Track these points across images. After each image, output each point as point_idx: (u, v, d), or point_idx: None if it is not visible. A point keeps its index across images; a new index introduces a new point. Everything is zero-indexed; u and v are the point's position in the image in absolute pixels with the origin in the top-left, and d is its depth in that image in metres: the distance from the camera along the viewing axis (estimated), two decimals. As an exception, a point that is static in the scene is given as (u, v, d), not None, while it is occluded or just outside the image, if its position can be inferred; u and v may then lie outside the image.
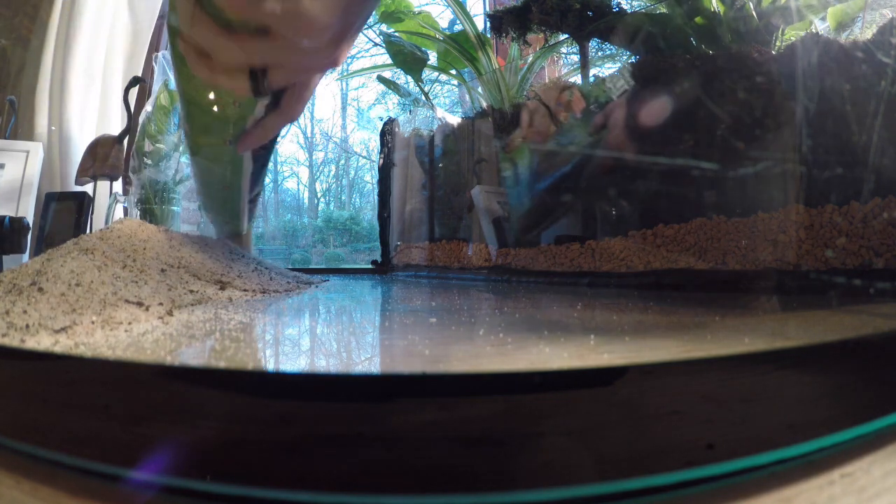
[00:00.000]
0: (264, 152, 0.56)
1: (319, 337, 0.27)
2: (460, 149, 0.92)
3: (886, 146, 0.42)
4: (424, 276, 0.86)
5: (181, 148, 1.21)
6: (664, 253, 0.53)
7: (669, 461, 0.14)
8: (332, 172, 3.47)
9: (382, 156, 1.04)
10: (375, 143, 1.11)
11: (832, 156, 0.45)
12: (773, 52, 0.53)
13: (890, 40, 0.43)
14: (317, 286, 0.59)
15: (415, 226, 0.99)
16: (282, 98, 0.46)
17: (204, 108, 0.49)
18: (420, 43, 0.96)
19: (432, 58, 0.99)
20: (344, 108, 3.43)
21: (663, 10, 0.64)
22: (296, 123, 3.40)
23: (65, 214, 0.97)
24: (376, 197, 1.06)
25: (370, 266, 1.05)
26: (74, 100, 1.18)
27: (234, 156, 0.52)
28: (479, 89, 0.96)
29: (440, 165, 0.96)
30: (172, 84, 0.99)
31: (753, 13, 0.56)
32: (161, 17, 1.34)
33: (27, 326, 0.24)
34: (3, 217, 0.83)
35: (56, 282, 0.29)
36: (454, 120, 0.97)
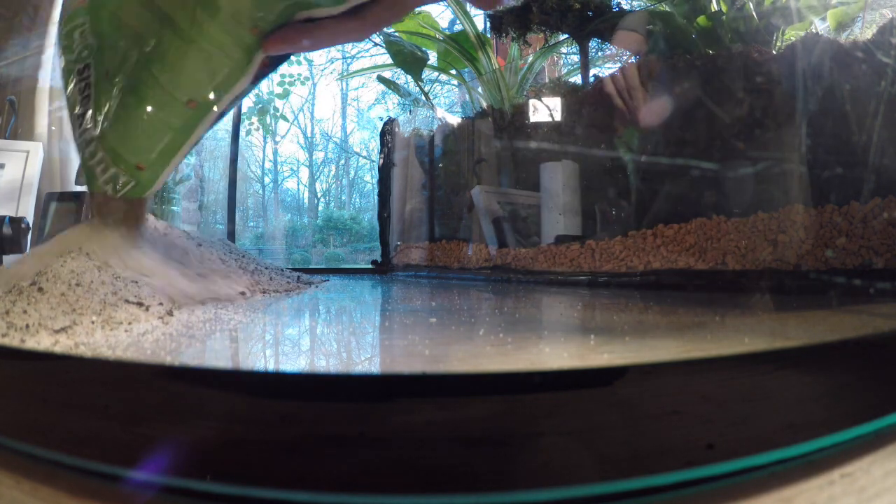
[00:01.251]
0: (270, 67, 0.38)
1: (319, 337, 0.27)
2: (460, 149, 0.92)
3: (886, 146, 0.42)
4: (424, 276, 0.86)
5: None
6: (664, 253, 0.53)
7: (669, 461, 0.14)
8: (332, 172, 3.47)
9: (382, 156, 1.04)
10: (375, 143, 1.11)
11: (832, 155, 0.45)
12: (774, 52, 0.53)
13: (890, 40, 0.43)
14: (317, 286, 0.59)
15: (415, 226, 0.99)
16: (376, 4, 0.34)
17: None
18: (420, 43, 0.96)
19: (432, 58, 0.99)
20: (344, 108, 3.44)
21: (664, 9, 0.64)
22: (296, 123, 3.40)
23: (65, 214, 0.97)
24: (376, 197, 1.06)
25: (370, 266, 1.05)
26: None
27: (242, 55, 0.35)
28: (479, 89, 0.96)
29: (440, 165, 0.96)
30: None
31: (754, 13, 0.56)
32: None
33: (27, 326, 0.24)
34: (3, 217, 0.83)
35: (56, 282, 0.29)
36: (454, 120, 0.97)
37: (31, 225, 0.91)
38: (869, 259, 0.41)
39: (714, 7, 0.59)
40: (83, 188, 1.02)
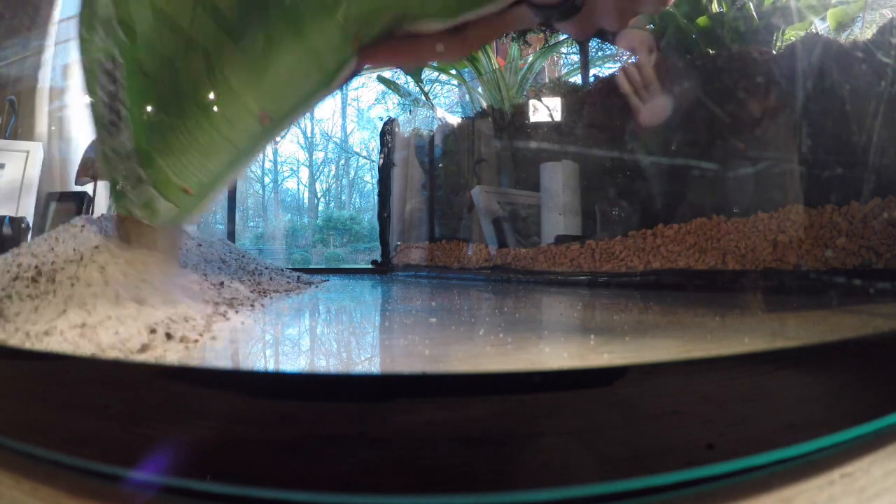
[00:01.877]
0: (345, 81, 0.32)
1: (319, 337, 0.27)
2: (460, 149, 0.92)
3: (886, 146, 0.42)
4: (424, 276, 0.86)
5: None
6: (664, 253, 0.53)
7: (669, 461, 0.14)
8: (332, 172, 3.48)
9: (382, 156, 1.04)
10: (375, 143, 1.12)
11: (832, 155, 0.45)
12: (774, 52, 0.53)
13: (890, 40, 0.43)
14: (317, 286, 0.59)
15: (415, 226, 0.99)
16: (477, 23, 0.30)
17: None
18: (420, 43, 0.96)
19: (432, 58, 0.99)
20: (344, 108, 3.44)
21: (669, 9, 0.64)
22: (295, 123, 3.39)
23: (65, 214, 0.97)
24: (376, 197, 1.06)
25: (370, 266, 1.05)
26: (74, 100, 1.18)
27: (335, 65, 0.29)
28: (479, 89, 0.96)
29: (440, 165, 0.96)
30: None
31: (754, 14, 0.56)
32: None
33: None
34: (3, 217, 0.83)
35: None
36: (454, 120, 0.97)
37: (31, 225, 0.91)
38: (869, 259, 0.41)
39: (716, 7, 0.59)
40: (83, 188, 1.02)
